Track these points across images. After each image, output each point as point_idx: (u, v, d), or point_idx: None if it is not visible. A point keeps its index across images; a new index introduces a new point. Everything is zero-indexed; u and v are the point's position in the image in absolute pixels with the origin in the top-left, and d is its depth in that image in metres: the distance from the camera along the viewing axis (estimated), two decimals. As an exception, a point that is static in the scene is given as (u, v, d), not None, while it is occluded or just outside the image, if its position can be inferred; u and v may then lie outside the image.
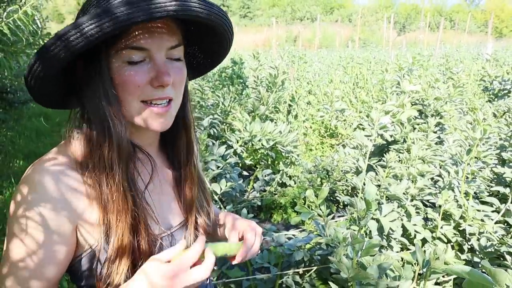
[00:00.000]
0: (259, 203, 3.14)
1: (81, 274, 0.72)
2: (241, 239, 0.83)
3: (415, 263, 1.72)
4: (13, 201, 0.67)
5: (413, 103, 3.21)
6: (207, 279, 0.95)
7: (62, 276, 0.71)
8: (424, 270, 0.95)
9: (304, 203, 2.90)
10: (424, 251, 1.07)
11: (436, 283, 1.82)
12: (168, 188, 0.83)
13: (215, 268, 1.97)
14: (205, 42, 0.80)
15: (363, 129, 3.12)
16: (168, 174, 0.84)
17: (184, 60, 0.76)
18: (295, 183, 3.27)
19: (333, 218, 2.82)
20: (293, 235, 2.17)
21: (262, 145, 2.99)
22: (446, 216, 2.10)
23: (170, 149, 0.84)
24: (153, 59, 0.68)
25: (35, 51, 0.65)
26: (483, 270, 0.69)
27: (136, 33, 0.66)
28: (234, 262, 0.82)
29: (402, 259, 1.84)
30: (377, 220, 1.94)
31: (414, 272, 1.69)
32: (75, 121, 0.72)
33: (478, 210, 2.09)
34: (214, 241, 0.78)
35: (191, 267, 0.66)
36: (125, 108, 0.70)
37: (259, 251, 0.88)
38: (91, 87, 0.68)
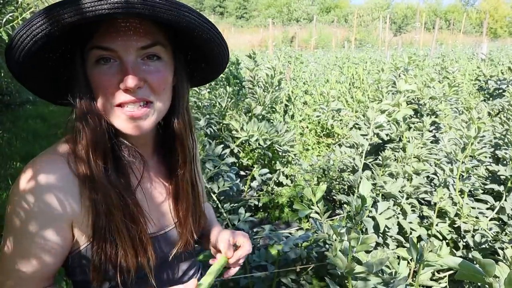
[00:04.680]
0: (256, 203, 3.16)
1: (75, 269, 0.73)
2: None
3: (410, 259, 1.74)
4: (10, 197, 0.68)
5: (409, 102, 3.24)
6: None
7: (58, 269, 0.72)
8: (418, 264, 0.97)
9: (301, 202, 2.92)
10: (422, 245, 1.09)
11: (432, 280, 1.84)
12: (160, 189, 0.83)
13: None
14: (196, 45, 0.76)
15: (359, 128, 3.14)
16: (161, 176, 0.83)
17: (174, 62, 0.74)
18: (292, 183, 3.29)
19: (329, 216, 2.84)
20: (290, 233, 2.18)
21: (259, 144, 3.00)
22: (441, 214, 2.13)
23: (166, 151, 0.83)
24: (121, 60, 0.66)
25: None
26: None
27: (103, 32, 0.65)
28: (229, 273, 0.87)
29: (398, 257, 1.86)
30: (373, 218, 1.95)
31: (410, 269, 1.70)
32: (71, 117, 0.72)
33: (473, 208, 2.11)
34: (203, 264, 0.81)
35: None
36: (101, 108, 0.69)
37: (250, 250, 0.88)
38: (72, 84, 0.68)
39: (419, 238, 2.09)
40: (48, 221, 0.66)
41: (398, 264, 1.52)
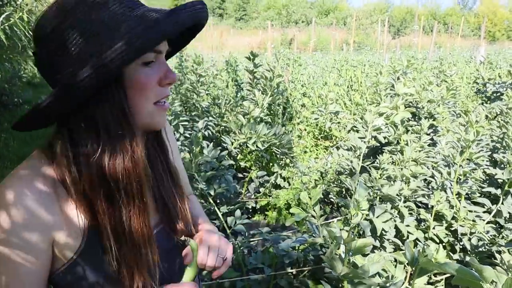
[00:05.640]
0: (254, 205, 3.15)
1: (64, 286, 0.71)
2: None
3: (407, 263, 1.73)
4: None
5: (407, 105, 3.24)
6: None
7: None
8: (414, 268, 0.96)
9: (299, 205, 2.91)
10: (418, 250, 1.09)
11: (429, 283, 1.83)
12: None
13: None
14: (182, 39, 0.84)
15: (357, 131, 3.14)
16: None
17: None
18: (289, 185, 3.28)
19: (327, 219, 2.83)
20: (287, 236, 2.18)
21: (257, 147, 3.00)
22: (439, 217, 2.13)
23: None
24: (159, 60, 0.70)
25: (32, 55, 0.64)
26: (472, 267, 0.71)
27: None
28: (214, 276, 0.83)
29: (395, 260, 1.85)
30: (370, 221, 1.95)
31: (407, 273, 1.70)
32: (61, 135, 0.67)
33: (470, 211, 2.11)
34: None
35: None
36: (137, 111, 0.69)
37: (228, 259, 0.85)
38: (105, 96, 0.64)
39: (416, 241, 2.09)
40: (27, 245, 0.64)
41: (395, 267, 1.52)
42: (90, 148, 0.65)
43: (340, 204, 2.70)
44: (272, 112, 4.31)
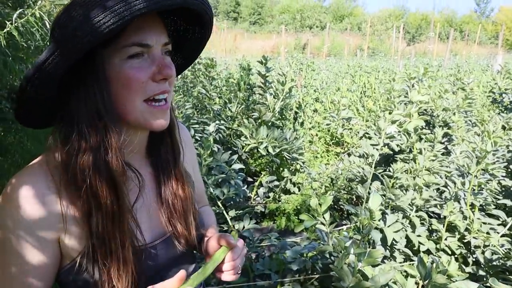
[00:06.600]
0: (263, 209, 3.13)
1: (69, 285, 0.70)
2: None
3: (418, 277, 1.69)
4: None
5: (421, 113, 3.19)
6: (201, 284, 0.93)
7: (50, 286, 0.69)
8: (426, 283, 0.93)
9: (308, 211, 2.88)
10: (431, 262, 1.06)
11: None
12: (153, 196, 0.79)
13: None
14: (188, 40, 0.81)
15: (370, 138, 3.10)
16: (153, 182, 0.80)
17: None
18: (299, 190, 3.26)
19: (336, 226, 2.80)
20: (296, 242, 2.16)
21: (268, 151, 2.98)
22: (451, 228, 2.08)
23: (156, 153, 0.81)
24: (152, 55, 0.68)
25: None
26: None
27: (138, 29, 0.65)
28: (223, 277, 0.80)
29: (406, 270, 1.81)
30: (381, 230, 1.92)
31: (418, 284, 1.66)
32: (59, 133, 0.67)
33: (484, 223, 2.06)
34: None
35: None
36: (126, 108, 0.67)
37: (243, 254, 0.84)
38: (83, 92, 0.64)
39: (428, 252, 2.04)
40: (34, 240, 0.65)
41: (406, 278, 1.49)
42: (66, 145, 0.65)
43: (350, 212, 2.66)
44: (283, 116, 4.29)
